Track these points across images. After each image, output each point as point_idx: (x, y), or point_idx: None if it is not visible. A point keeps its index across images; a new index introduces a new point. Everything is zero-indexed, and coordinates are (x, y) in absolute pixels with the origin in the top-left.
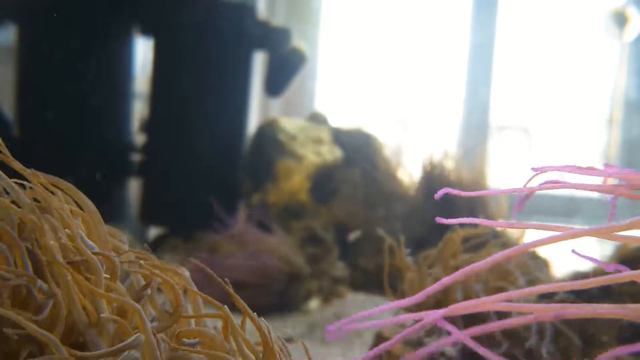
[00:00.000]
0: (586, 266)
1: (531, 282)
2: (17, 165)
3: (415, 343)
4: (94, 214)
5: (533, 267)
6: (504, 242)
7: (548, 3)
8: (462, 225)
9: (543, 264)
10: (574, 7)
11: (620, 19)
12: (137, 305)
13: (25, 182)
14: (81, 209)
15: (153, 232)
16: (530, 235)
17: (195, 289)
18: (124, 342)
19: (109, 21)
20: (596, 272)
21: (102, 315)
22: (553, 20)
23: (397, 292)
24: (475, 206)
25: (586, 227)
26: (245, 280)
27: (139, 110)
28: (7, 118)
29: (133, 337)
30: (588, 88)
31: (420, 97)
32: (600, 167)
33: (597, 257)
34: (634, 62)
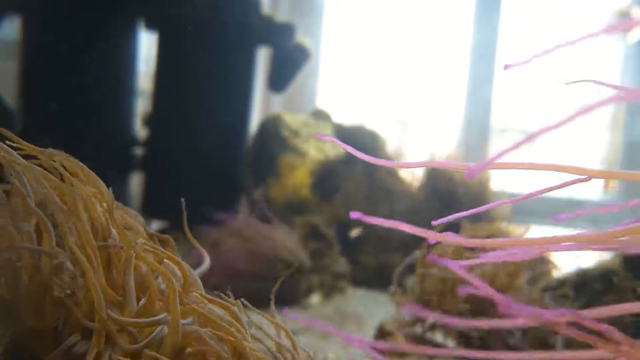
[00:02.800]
0: (589, 262)
1: (536, 277)
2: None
3: (417, 338)
4: (108, 196)
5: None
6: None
7: (552, 3)
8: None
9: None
10: (578, 7)
11: (626, 20)
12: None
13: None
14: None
15: (155, 225)
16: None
17: (199, 282)
18: (155, 317)
19: (113, 15)
20: (601, 268)
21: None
22: (556, 20)
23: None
24: (478, 205)
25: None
26: (245, 271)
27: (142, 105)
28: (10, 108)
29: (162, 315)
30: (591, 89)
31: (422, 96)
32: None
33: (598, 255)
34: (638, 63)
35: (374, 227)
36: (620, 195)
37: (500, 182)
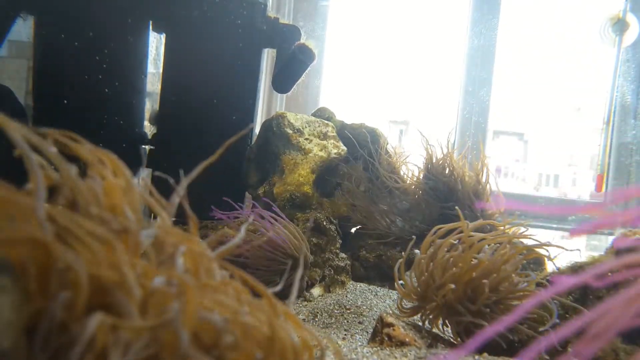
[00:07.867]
0: (581, 257)
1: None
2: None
3: (416, 328)
4: (129, 180)
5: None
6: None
7: (547, 10)
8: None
9: (539, 259)
10: (573, 14)
11: (619, 25)
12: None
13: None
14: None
15: None
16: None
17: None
18: (164, 318)
19: (123, 16)
20: (593, 263)
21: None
22: (552, 26)
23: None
24: (475, 202)
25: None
26: (252, 263)
27: (150, 104)
28: (21, 105)
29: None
30: (584, 93)
31: (422, 97)
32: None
33: (591, 250)
34: (631, 68)
35: (374, 223)
36: (609, 194)
37: (493, 183)
